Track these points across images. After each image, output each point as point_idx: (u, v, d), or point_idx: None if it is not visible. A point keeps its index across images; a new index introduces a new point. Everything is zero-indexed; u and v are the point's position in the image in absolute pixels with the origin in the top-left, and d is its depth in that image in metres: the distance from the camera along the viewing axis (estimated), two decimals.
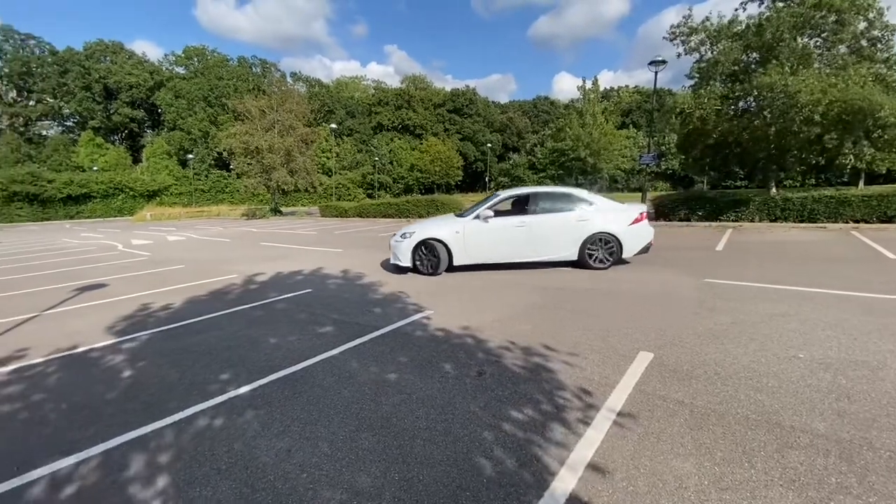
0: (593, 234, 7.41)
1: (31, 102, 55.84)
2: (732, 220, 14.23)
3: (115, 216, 45.45)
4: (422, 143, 66.20)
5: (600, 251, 7.48)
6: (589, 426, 2.71)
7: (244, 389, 3.41)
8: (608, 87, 77.02)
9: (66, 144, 53.65)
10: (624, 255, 7.51)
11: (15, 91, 55.31)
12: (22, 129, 54.62)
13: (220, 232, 20.05)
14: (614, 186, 59.21)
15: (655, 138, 31.94)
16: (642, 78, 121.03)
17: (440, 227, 7.81)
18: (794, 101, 12.35)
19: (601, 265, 7.47)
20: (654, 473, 2.25)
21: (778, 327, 4.33)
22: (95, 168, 49.01)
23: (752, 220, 13.98)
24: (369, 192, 58.47)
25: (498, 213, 7.86)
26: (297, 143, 32.81)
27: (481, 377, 3.45)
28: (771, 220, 13.75)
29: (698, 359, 3.65)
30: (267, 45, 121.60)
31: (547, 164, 55.91)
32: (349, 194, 54.59)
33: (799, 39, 14.11)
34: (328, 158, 53.83)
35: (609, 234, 7.40)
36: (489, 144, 60.85)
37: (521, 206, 8.14)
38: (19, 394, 3.54)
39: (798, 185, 33.08)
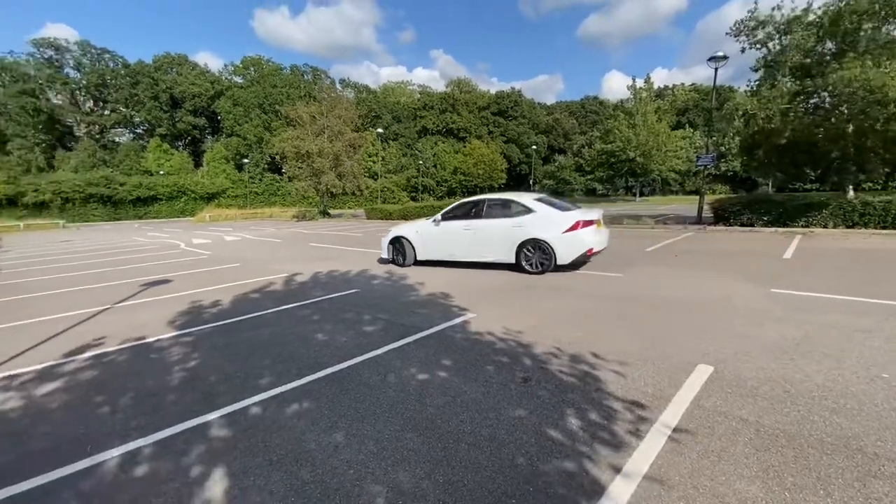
0: (527, 240, 7.77)
1: (106, 112, 61.20)
2: (802, 226, 13.14)
3: (178, 217, 48.92)
4: (465, 146, 66.39)
5: (535, 256, 7.76)
6: (642, 440, 2.58)
7: (294, 384, 3.53)
8: (662, 86, 73.85)
9: (136, 150, 58.35)
10: (559, 262, 7.58)
11: (92, 101, 60.87)
12: (98, 136, 59.95)
13: (273, 233, 21.02)
14: (667, 189, 56.46)
15: (714, 138, 30.17)
16: (700, 75, 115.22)
17: (409, 228, 9.29)
18: (877, 97, 11.24)
19: (535, 270, 7.75)
20: (716, 495, 2.10)
21: (858, 343, 3.93)
22: (161, 172, 53.01)
23: (825, 226, 12.83)
24: (413, 195, 59.35)
25: (454, 218, 8.71)
26: (346, 147, 33.85)
27: (527, 383, 3.38)
28: (848, 226, 12.56)
29: (764, 375, 3.38)
30: (319, 54, 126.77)
31: (595, 166, 54.26)
32: (393, 197, 55.65)
33: (883, 28, 12.84)
34: (374, 162, 55.19)
35: (542, 240, 7.65)
36: (534, 146, 60.05)
37: (473, 211, 8.64)
38: (95, 379, 3.86)
39: (879, 187, 30.06)
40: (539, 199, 8.29)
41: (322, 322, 5.28)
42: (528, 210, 7.98)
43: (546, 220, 7.78)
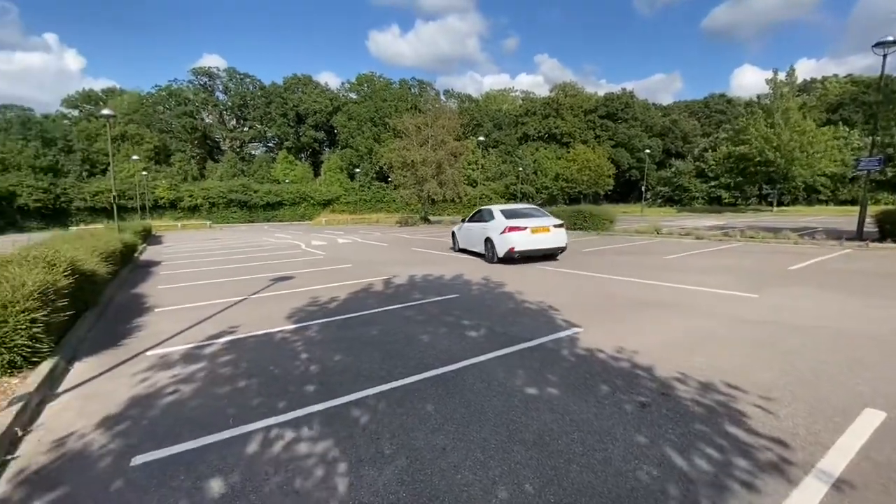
0: (486, 238, 11.07)
1: (246, 128, 70.93)
2: None
3: (299, 220, 54.84)
4: (569, 152, 64.15)
5: (489, 250, 11.00)
6: (795, 487, 2.18)
7: (402, 382, 3.66)
8: (808, 79, 63.62)
9: (267, 162, 66.68)
10: (498, 254, 10.54)
11: (235, 120, 71.11)
12: (238, 149, 69.68)
13: (379, 237, 22.41)
14: (814, 198, 48.05)
15: (879, 137, 25.04)
16: (858, 65, 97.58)
17: (455, 228, 13.88)
18: None
19: (488, 259, 11.09)
20: None
21: None
22: (287, 181, 60.00)
23: None
24: (511, 202, 59.01)
25: (470, 221, 12.66)
26: (447, 156, 34.92)
27: (645, 409, 3.07)
28: None
29: None
30: (425, 67, 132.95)
31: (720, 172, 48.32)
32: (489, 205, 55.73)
33: None
34: (473, 170, 56.05)
35: (491, 238, 10.84)
36: (647, 150, 55.43)
37: (476, 217, 12.41)
38: (230, 362, 4.41)
39: None
40: (502, 210, 11.33)
41: (425, 324, 5.43)
42: (492, 217, 11.26)
43: (497, 225, 10.84)
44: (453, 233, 13.95)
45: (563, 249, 11.19)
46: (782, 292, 6.66)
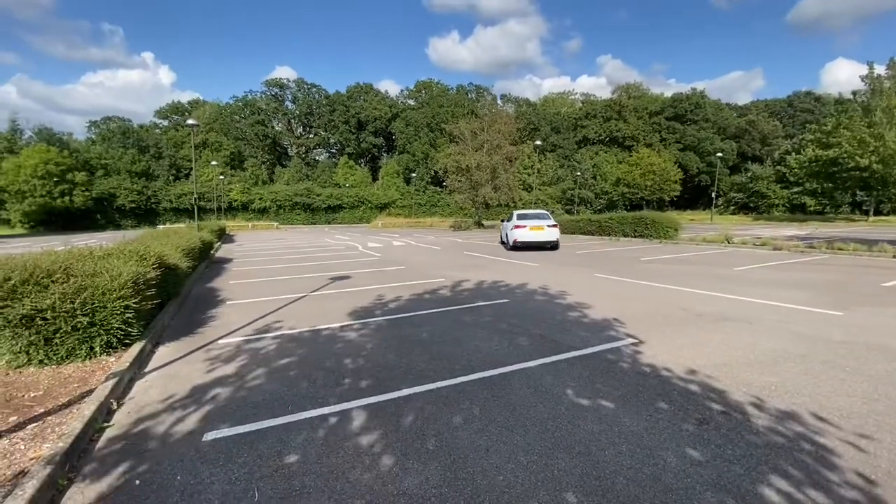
0: (506, 233, 16.29)
1: (311, 135, 74.92)
2: None
3: (357, 223, 57.01)
4: (631, 156, 61.40)
5: (506, 241, 16.42)
6: None
7: (449, 382, 3.73)
8: None
9: (329, 167, 69.98)
10: (509, 243, 15.67)
11: (301, 127, 75.34)
12: (304, 155, 73.72)
13: (432, 241, 22.76)
14: None
15: None
16: None
17: (503, 227, 18.18)
18: None
19: (506, 247, 15.98)
20: None
21: None
22: (347, 185, 62.58)
23: None
24: (568, 207, 57.43)
25: (505, 222, 17.59)
26: (503, 160, 34.76)
27: (703, 427, 2.91)
28: None
29: None
30: (483, 71, 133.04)
31: (805, 176, 43.83)
32: (547, 210, 54.70)
33: None
34: (529, 174, 55.26)
35: (507, 233, 16.03)
36: (719, 154, 51.42)
37: (506, 218, 17.55)
38: (290, 353, 4.70)
39: None
40: (517, 214, 16.34)
41: (474, 327, 5.47)
42: (511, 219, 16.25)
43: (511, 224, 15.76)
44: (484, 227, 21.43)
45: (554, 243, 15.28)
46: (872, 311, 5.98)
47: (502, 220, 18.73)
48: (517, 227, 15.09)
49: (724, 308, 6.28)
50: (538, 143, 35.36)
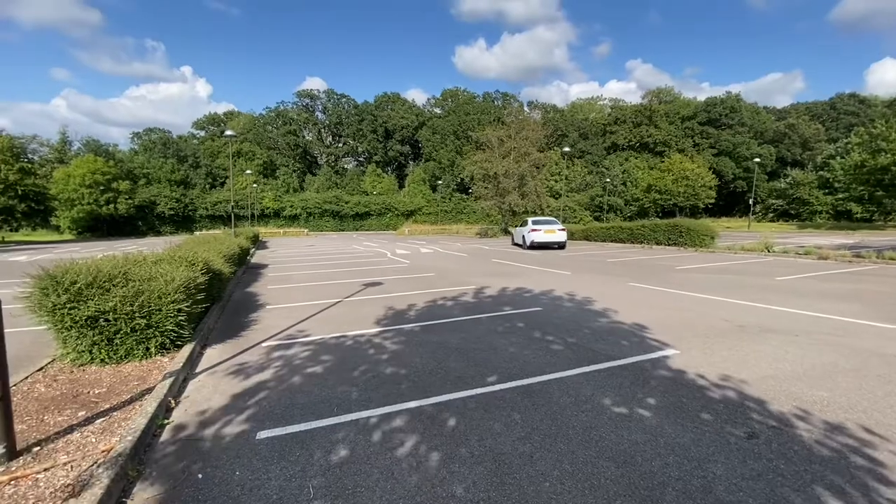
0: (524, 235, 19.58)
1: (340, 144, 76.69)
2: None
3: (384, 230, 57.78)
4: (663, 161, 59.97)
5: (523, 242, 19.61)
6: None
7: (488, 389, 3.77)
8: None
9: (357, 175, 71.40)
10: (527, 243, 19.18)
11: (331, 136, 77.22)
12: (333, 164, 75.44)
13: (459, 248, 22.85)
14: None
15: None
16: None
17: (515, 230, 22.75)
18: None
19: (524, 248, 19.25)
20: None
21: None
22: (374, 192, 63.64)
23: None
24: (597, 214, 56.52)
25: (519, 227, 21.21)
26: (530, 167, 34.61)
27: (752, 440, 2.85)
28: None
29: None
30: (509, 78, 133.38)
31: (850, 182, 41.66)
32: (575, 217, 54.04)
33: None
34: (556, 181, 54.75)
35: (525, 235, 19.45)
36: (756, 159, 49.36)
37: (522, 223, 20.77)
38: (330, 357, 4.85)
39: None
40: (532, 220, 19.89)
41: (508, 335, 5.49)
42: (526, 224, 19.80)
43: (528, 228, 19.35)
44: (511, 233, 24.27)
45: (562, 243, 19.54)
46: None
47: (515, 226, 24.02)
48: (533, 230, 19.29)
49: (768, 319, 6.08)
50: (566, 149, 35.08)
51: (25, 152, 44.46)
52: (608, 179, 57.28)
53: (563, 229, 19.55)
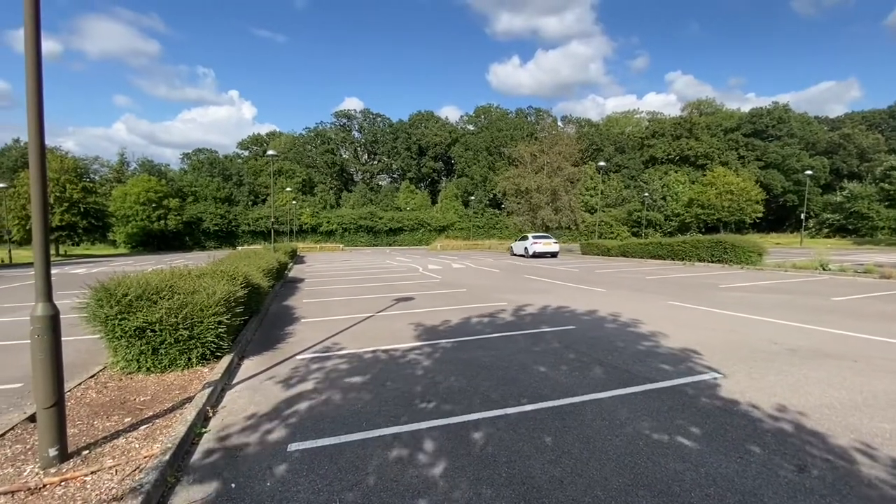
0: (525, 246, 26.60)
1: (375, 162, 78.59)
2: None
3: (417, 245, 58.33)
4: (705, 175, 57.72)
5: (527, 251, 26.32)
6: None
7: (517, 409, 3.69)
8: None
9: (391, 191, 72.81)
10: (530, 253, 25.81)
11: (366, 154, 79.34)
12: (368, 181, 77.31)
13: (491, 263, 22.72)
14: None
15: None
16: None
17: (514, 244, 29.92)
18: None
19: (526, 257, 26.10)
20: None
21: None
22: (408, 209, 64.60)
23: None
24: (635, 230, 54.83)
25: (519, 241, 28.72)
26: (564, 182, 34.24)
27: (803, 474, 2.64)
28: None
29: None
30: (543, 94, 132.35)
31: None
32: (612, 232, 52.69)
33: None
34: (591, 196, 53.76)
35: (527, 247, 26.28)
36: (808, 171, 46.44)
37: (522, 237, 28.82)
38: (361, 372, 4.89)
39: None
40: (532, 235, 27.28)
41: (541, 354, 5.38)
42: (528, 238, 27.07)
43: (531, 241, 26.33)
44: (511, 247, 30.39)
45: (555, 252, 25.98)
46: None
47: (516, 240, 30.61)
48: (535, 242, 26.01)
49: (823, 343, 5.66)
50: (601, 163, 34.49)
51: (88, 172, 48.39)
52: (647, 194, 55.57)
53: (556, 242, 26.96)
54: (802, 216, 43.57)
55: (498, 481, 2.63)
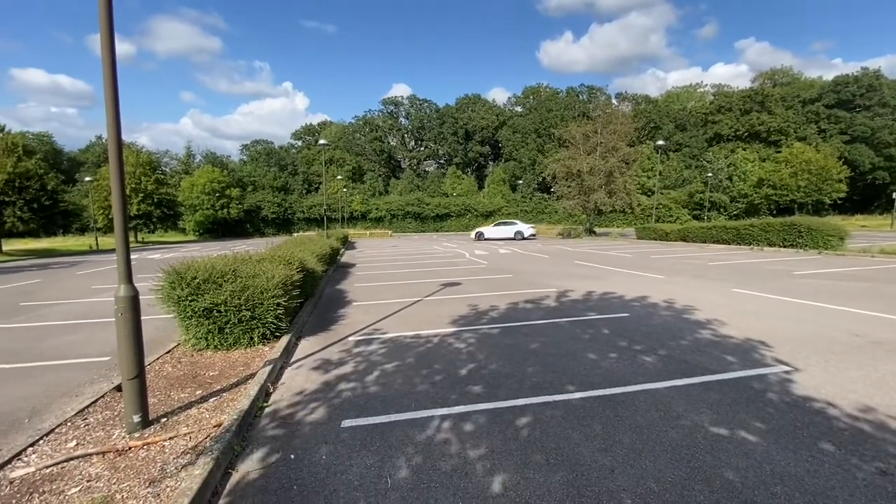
0: (516, 231, 31.25)
1: (422, 148, 78.94)
2: None
3: (464, 230, 58.26)
4: (779, 152, 52.89)
5: (518, 236, 30.90)
6: None
7: (566, 396, 3.63)
8: None
9: (438, 177, 72.96)
10: (523, 235, 30.84)
11: (413, 141, 79.81)
12: (415, 167, 77.89)
13: (539, 248, 22.29)
14: None
15: None
16: None
17: (485, 229, 32.98)
18: None
19: (517, 240, 29.99)
20: None
21: None
22: (454, 194, 64.58)
23: None
24: (696, 212, 51.57)
25: (498, 226, 32.88)
26: (619, 163, 32.62)
27: (886, 477, 2.40)
28: None
29: None
30: (598, 71, 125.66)
31: None
32: (670, 215, 49.90)
33: None
34: (648, 177, 51.01)
35: (519, 231, 31.29)
36: None
37: (502, 223, 33.36)
38: (410, 354, 5.00)
39: None
40: (502, 222, 33.55)
41: (590, 341, 5.24)
42: (515, 223, 32.45)
43: (521, 226, 31.96)
44: (480, 232, 32.36)
45: (534, 235, 31.87)
46: None
47: (494, 225, 33.50)
48: (521, 226, 31.80)
49: (883, 333, 5.08)
50: (660, 142, 32.50)
51: (160, 165, 52.39)
52: (710, 174, 51.81)
53: (533, 227, 32.91)
54: (895, 195, 38.89)
55: (545, 466, 2.61)
